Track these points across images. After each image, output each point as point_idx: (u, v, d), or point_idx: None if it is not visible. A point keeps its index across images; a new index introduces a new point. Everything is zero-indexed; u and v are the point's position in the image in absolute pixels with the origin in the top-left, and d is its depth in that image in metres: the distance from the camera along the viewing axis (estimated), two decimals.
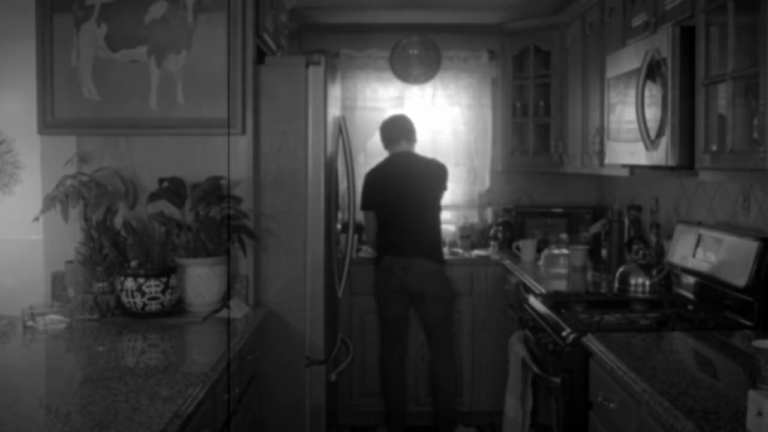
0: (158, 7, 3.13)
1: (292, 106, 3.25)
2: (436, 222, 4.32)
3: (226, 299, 3.07)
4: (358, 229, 4.91)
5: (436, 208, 4.33)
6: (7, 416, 1.83)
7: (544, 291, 3.41)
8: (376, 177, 4.34)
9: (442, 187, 4.34)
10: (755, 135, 2.14)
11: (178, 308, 2.97)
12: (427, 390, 4.53)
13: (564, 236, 4.70)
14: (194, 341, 2.68)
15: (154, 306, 2.86)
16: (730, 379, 2.18)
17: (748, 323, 2.65)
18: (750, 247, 2.69)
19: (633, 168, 3.26)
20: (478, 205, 5.16)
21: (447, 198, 4.88)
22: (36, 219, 3.08)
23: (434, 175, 4.31)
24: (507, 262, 4.47)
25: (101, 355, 2.39)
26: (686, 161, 2.62)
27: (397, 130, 4.40)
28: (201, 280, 2.98)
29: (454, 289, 4.38)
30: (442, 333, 4.29)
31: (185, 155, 3.19)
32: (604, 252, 4.09)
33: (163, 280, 2.86)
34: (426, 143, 5.07)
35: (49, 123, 3.19)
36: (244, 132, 3.18)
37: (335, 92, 3.62)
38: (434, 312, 4.24)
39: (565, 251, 4.22)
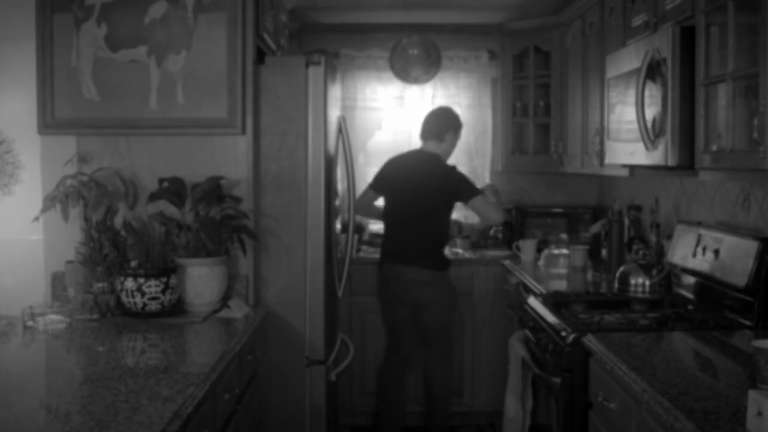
0: (158, 7, 3.14)
1: (292, 106, 3.24)
2: (437, 230, 4.10)
3: (226, 299, 3.07)
4: (358, 229, 4.91)
5: (440, 218, 4.11)
6: (7, 416, 1.83)
7: (544, 291, 3.41)
8: (389, 166, 4.22)
9: (453, 199, 4.10)
10: (755, 135, 2.14)
11: (178, 308, 2.97)
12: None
13: (564, 236, 4.70)
14: (194, 341, 2.67)
15: (154, 306, 2.86)
16: (730, 379, 2.18)
17: (748, 323, 2.65)
18: (750, 247, 2.69)
19: (633, 168, 3.26)
20: None
21: None
22: (36, 219, 3.08)
23: (444, 186, 4.07)
24: (507, 262, 4.47)
25: (101, 355, 2.39)
26: (686, 161, 2.62)
27: (427, 127, 4.19)
28: (201, 280, 2.98)
29: (456, 297, 4.17)
30: (440, 340, 4.15)
31: (185, 155, 3.19)
32: (604, 252, 4.09)
33: (163, 280, 2.86)
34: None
35: (49, 123, 3.19)
36: (244, 132, 3.18)
37: (335, 92, 3.63)
38: (430, 320, 4.09)
39: (565, 251, 4.22)
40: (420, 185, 4.07)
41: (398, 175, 4.16)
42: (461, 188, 4.06)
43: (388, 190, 4.19)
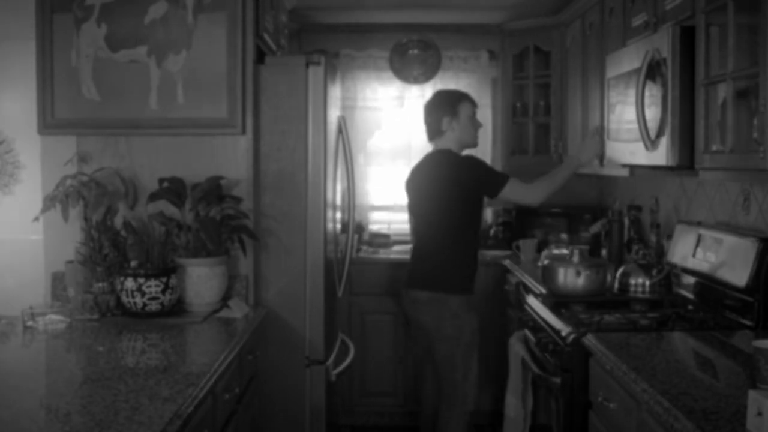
0: (158, 7, 3.14)
1: (292, 106, 3.24)
2: (442, 243, 3.46)
3: (226, 299, 3.07)
4: (358, 229, 4.92)
5: (447, 224, 3.46)
6: (7, 416, 1.83)
7: (544, 291, 3.41)
8: (409, 180, 3.71)
9: (470, 196, 3.44)
10: (755, 135, 2.14)
11: (178, 308, 2.97)
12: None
13: (564, 236, 4.70)
14: (194, 341, 2.68)
15: (154, 306, 2.86)
16: (730, 379, 2.18)
17: (748, 323, 2.65)
18: (750, 247, 2.69)
19: (633, 168, 3.26)
20: None
21: None
22: (36, 219, 3.08)
23: (453, 185, 3.43)
24: (507, 262, 4.47)
25: (101, 355, 2.39)
26: (686, 161, 2.62)
27: (425, 126, 3.63)
28: (201, 280, 2.98)
29: (464, 332, 3.47)
30: (444, 377, 3.52)
31: (185, 155, 3.19)
32: (604, 252, 4.09)
33: (163, 280, 2.86)
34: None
35: (49, 123, 3.19)
36: (244, 132, 3.18)
37: (335, 92, 3.62)
38: (433, 347, 3.53)
39: (565, 251, 4.22)
40: (424, 196, 3.55)
41: (410, 188, 3.68)
42: (481, 181, 3.42)
43: (410, 208, 3.72)
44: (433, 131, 3.59)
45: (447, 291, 3.46)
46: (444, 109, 3.55)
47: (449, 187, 3.44)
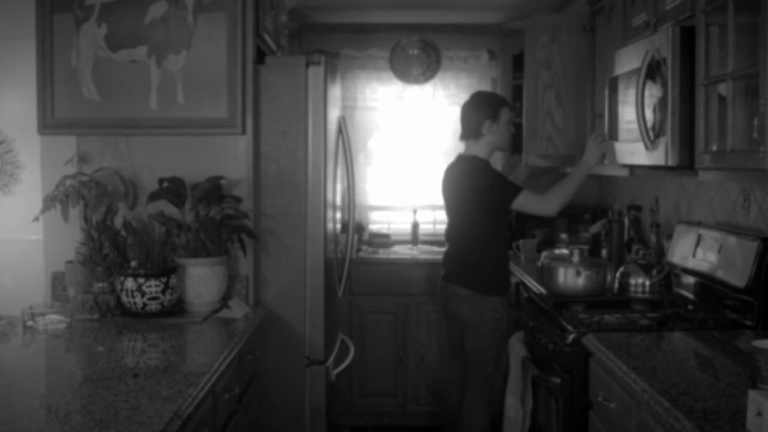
0: (158, 7, 3.14)
1: (292, 106, 3.24)
2: (475, 245, 3.60)
3: (226, 299, 3.07)
4: (358, 229, 4.92)
5: (479, 233, 3.59)
6: (7, 416, 1.83)
7: (544, 291, 3.41)
8: (442, 179, 3.81)
9: (490, 207, 3.55)
10: (755, 135, 2.14)
11: (178, 308, 2.97)
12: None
13: (564, 236, 4.69)
14: (194, 341, 2.68)
15: (154, 306, 2.86)
16: (730, 379, 2.18)
17: (748, 323, 2.65)
18: (750, 247, 2.69)
19: (633, 168, 3.26)
20: None
21: None
22: (36, 219, 3.08)
23: (475, 195, 3.57)
24: None
25: (101, 355, 2.39)
26: (686, 161, 2.62)
27: (461, 126, 3.70)
28: (201, 280, 2.98)
29: (499, 330, 3.59)
30: (474, 369, 3.65)
31: (185, 155, 3.19)
32: (604, 252, 4.09)
33: (163, 280, 2.86)
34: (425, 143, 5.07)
35: (49, 123, 3.19)
36: (244, 132, 3.18)
37: (335, 92, 3.62)
38: (466, 339, 3.63)
39: (565, 251, 4.22)
40: (454, 197, 3.70)
41: (444, 189, 3.79)
42: (495, 192, 3.54)
43: (445, 208, 3.84)
44: (472, 132, 3.64)
45: (486, 292, 3.57)
46: (487, 111, 3.62)
47: (471, 195, 3.58)
